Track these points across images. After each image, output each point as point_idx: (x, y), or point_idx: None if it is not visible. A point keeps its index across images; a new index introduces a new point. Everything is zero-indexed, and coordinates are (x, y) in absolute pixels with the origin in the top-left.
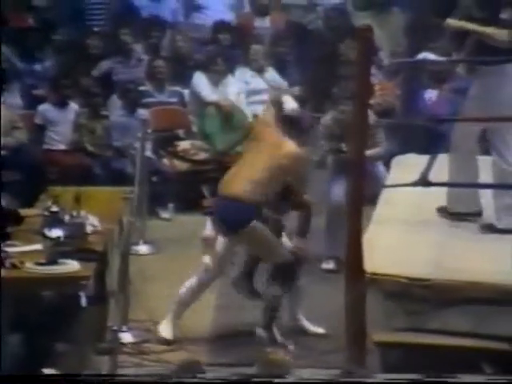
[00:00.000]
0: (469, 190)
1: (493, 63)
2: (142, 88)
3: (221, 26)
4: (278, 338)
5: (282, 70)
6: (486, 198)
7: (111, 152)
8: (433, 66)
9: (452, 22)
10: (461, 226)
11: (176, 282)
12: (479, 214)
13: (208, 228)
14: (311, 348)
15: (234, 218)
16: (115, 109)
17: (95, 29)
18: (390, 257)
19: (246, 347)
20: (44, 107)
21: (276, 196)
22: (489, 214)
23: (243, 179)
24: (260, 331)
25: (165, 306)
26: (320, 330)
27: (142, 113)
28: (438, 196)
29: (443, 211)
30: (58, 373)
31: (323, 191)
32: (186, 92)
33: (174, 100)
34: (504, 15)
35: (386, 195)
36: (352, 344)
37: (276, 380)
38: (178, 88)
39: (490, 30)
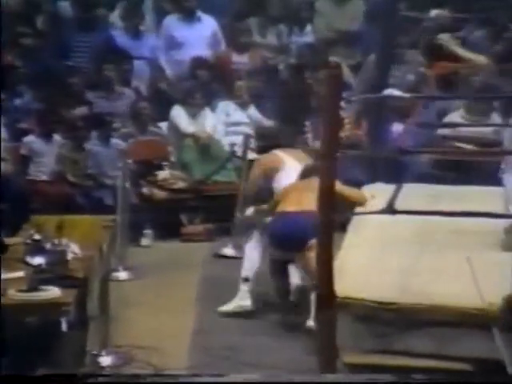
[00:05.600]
0: None
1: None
2: (124, 130)
3: (198, 63)
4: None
5: (259, 105)
6: None
7: (92, 182)
8: (397, 101)
9: (445, 41)
10: (427, 251)
11: (154, 307)
12: None
13: None
14: None
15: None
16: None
17: (79, 65)
18: (360, 281)
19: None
20: (29, 139)
21: None
22: None
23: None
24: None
25: (144, 331)
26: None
27: (118, 143)
28: (405, 222)
29: None
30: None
31: None
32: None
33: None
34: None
35: (355, 221)
36: (323, 365)
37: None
38: (158, 127)
39: (472, 56)
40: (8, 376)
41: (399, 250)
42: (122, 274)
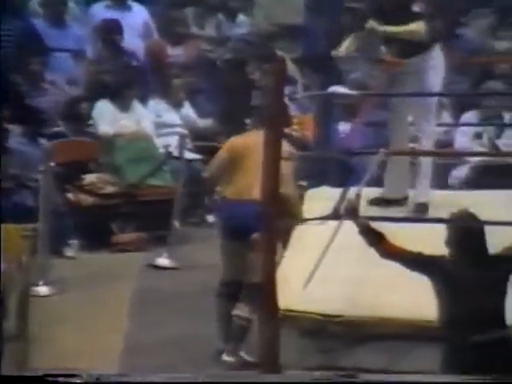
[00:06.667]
0: (401, 180)
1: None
2: (56, 129)
3: (132, 53)
4: (247, 358)
5: (195, 101)
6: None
7: (11, 184)
8: (344, 98)
9: (375, 25)
10: (375, 262)
11: (79, 325)
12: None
13: None
14: None
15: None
16: (14, 136)
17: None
18: (304, 293)
19: None
20: None
21: None
22: None
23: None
24: (226, 357)
25: (68, 352)
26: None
27: (44, 142)
28: (353, 229)
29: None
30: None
31: None
32: None
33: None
34: (416, 8)
35: (299, 229)
36: None
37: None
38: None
39: (410, 28)
40: (8, 376)
41: (346, 259)
42: (44, 289)
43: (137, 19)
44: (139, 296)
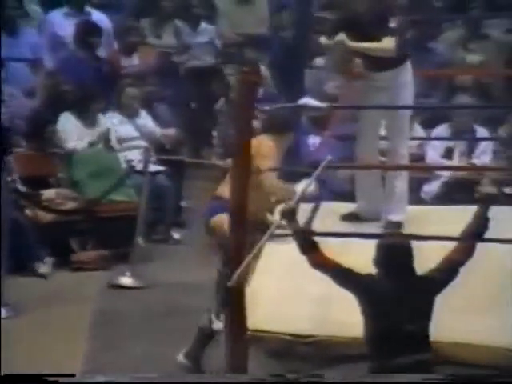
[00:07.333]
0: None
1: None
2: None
3: (105, 61)
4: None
5: (154, 111)
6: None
7: None
8: (314, 111)
9: (345, 40)
10: None
11: (35, 349)
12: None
13: None
14: None
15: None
16: None
17: None
18: (273, 312)
19: None
20: None
21: None
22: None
23: None
24: (182, 358)
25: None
26: None
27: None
28: (324, 246)
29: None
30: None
31: None
32: None
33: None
34: (391, 24)
35: (269, 246)
36: None
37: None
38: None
39: (381, 45)
40: (8, 376)
41: (317, 277)
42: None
43: None
44: (99, 317)
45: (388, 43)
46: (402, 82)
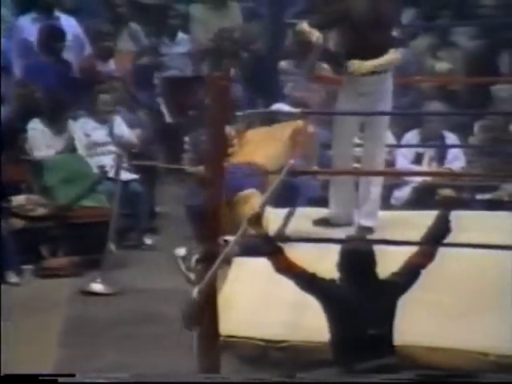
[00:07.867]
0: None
1: None
2: None
3: (70, 65)
4: None
5: (129, 116)
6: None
7: None
8: (287, 116)
9: (361, 66)
10: None
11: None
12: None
13: None
14: None
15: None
16: None
17: None
18: (246, 318)
19: None
20: None
21: None
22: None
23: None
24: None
25: None
26: None
27: None
28: (298, 251)
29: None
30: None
31: None
32: None
33: None
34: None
35: None
36: None
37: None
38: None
39: (386, 59)
40: (8, 376)
41: (289, 283)
42: None
43: (66, 32)
44: (70, 324)
45: (395, 55)
46: (385, 87)
